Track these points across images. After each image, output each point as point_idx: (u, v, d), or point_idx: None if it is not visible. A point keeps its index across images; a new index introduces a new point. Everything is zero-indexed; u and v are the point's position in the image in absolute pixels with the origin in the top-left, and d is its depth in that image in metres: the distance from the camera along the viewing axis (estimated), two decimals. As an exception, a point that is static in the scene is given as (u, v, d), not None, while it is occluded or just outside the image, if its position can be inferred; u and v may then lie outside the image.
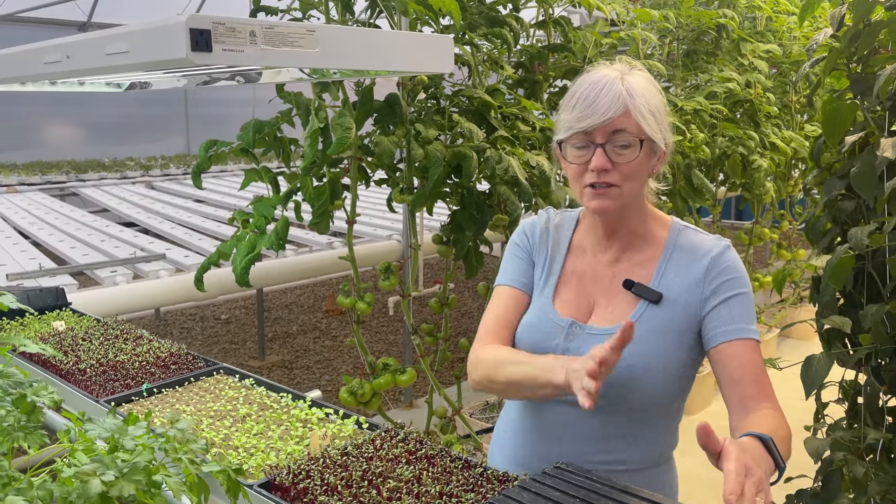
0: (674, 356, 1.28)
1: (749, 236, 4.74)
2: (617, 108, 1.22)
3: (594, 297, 1.36)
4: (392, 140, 2.17)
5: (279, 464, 1.25)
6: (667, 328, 1.28)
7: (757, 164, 3.78)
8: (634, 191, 1.29)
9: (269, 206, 2.20)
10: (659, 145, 1.28)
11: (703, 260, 1.30)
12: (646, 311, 1.30)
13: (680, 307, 1.29)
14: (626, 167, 1.25)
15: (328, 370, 5.16)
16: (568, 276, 1.40)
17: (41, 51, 1.31)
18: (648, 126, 1.24)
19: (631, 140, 1.24)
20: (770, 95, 3.99)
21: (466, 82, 2.64)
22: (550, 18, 2.80)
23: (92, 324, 2.14)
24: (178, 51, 0.99)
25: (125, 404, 1.59)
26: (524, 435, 1.42)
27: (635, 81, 1.26)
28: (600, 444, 1.32)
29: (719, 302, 1.28)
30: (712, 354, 1.28)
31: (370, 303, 2.41)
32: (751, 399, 1.23)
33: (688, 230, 1.37)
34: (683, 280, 1.30)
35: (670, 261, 1.33)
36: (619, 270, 1.36)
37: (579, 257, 1.41)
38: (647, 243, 1.36)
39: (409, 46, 1.26)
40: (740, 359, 1.25)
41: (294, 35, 1.09)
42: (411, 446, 1.27)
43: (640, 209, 1.36)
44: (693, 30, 3.62)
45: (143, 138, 10.76)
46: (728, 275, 1.29)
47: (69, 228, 4.33)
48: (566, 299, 1.38)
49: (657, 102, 1.27)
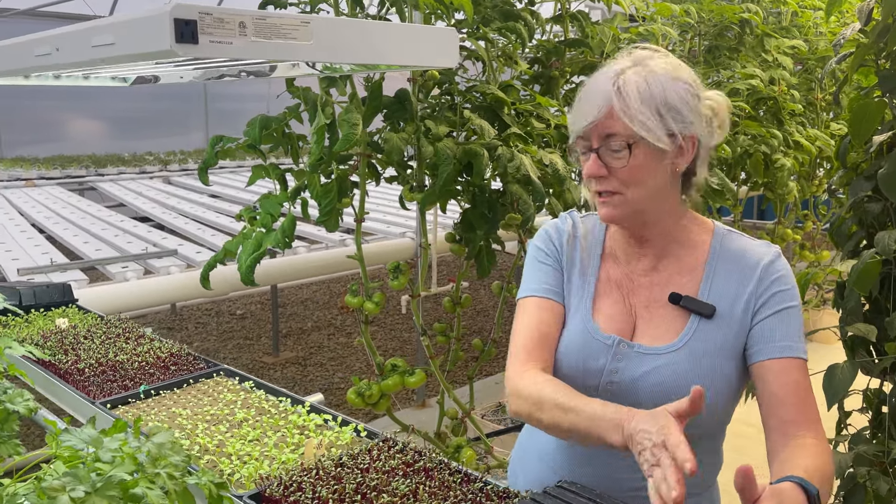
0: (732, 374, 1.18)
1: (771, 237, 4.63)
2: (599, 110, 1.12)
3: (635, 310, 1.24)
4: (401, 137, 2.11)
5: (271, 474, 1.20)
6: (722, 346, 1.18)
7: (780, 163, 3.68)
8: (642, 196, 1.16)
9: (275, 204, 2.15)
10: (662, 142, 1.13)
11: (755, 269, 1.19)
12: (698, 328, 1.18)
13: (734, 322, 1.18)
14: (622, 172, 1.14)
15: (342, 367, 5.13)
16: (604, 286, 1.27)
17: (32, 43, 1.27)
18: (640, 125, 1.11)
19: (620, 143, 1.13)
20: (795, 93, 3.87)
21: (480, 78, 2.58)
22: (567, 13, 2.73)
23: (96, 321, 2.11)
24: (161, 42, 0.94)
25: (121, 406, 1.55)
26: (554, 459, 1.31)
27: (634, 76, 1.14)
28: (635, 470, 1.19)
29: (769, 315, 1.17)
30: (755, 370, 1.17)
31: (379, 303, 2.36)
32: (792, 424, 1.12)
33: (732, 234, 1.25)
34: (734, 291, 1.19)
35: (717, 269, 1.21)
36: (657, 279, 1.24)
37: (613, 265, 1.28)
38: (686, 249, 1.24)
39: (411, 39, 1.20)
40: (785, 378, 1.14)
41: (287, 26, 1.03)
42: (409, 457, 1.22)
43: (670, 212, 1.21)
44: (715, 25, 3.52)
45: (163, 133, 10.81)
46: (780, 286, 1.18)
47: (84, 223, 4.33)
48: (607, 313, 1.25)
49: (666, 93, 1.13)
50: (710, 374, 1.17)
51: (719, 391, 1.17)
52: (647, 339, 1.21)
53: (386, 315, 6.25)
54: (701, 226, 1.26)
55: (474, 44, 2.33)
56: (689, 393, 1.10)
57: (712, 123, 1.19)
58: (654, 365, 1.18)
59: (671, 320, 1.20)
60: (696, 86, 1.18)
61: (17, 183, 6.29)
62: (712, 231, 1.25)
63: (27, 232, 4.06)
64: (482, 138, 2.21)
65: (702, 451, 1.21)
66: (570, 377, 1.23)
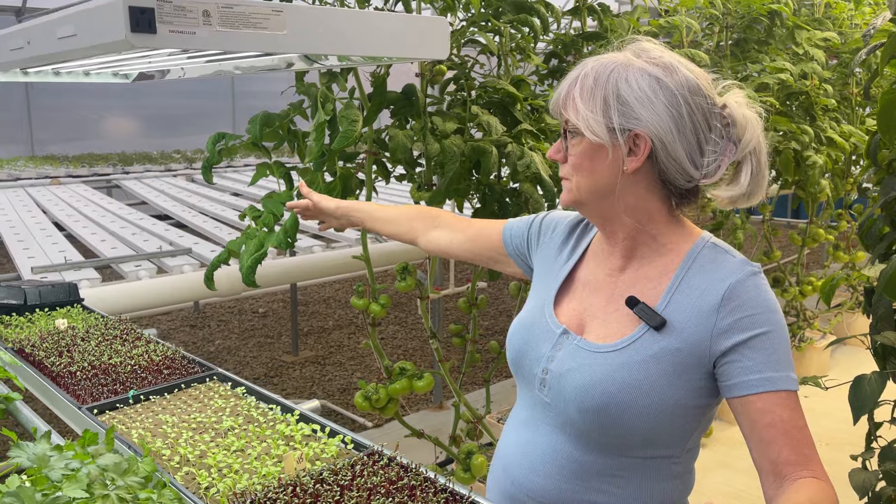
0: (668, 394, 1.08)
1: (803, 236, 4.47)
2: (560, 94, 1.14)
3: (592, 308, 1.20)
4: (407, 134, 2.04)
5: (248, 489, 1.14)
6: (665, 361, 1.08)
7: (812, 161, 3.53)
8: (586, 186, 1.14)
9: (278, 203, 2.10)
10: (597, 135, 1.08)
11: (721, 285, 1.08)
12: (644, 336, 1.11)
13: (686, 339, 1.08)
14: (571, 159, 1.15)
15: (360, 367, 5.09)
16: (571, 282, 1.26)
17: (6, 38, 1.22)
18: (578, 114, 1.10)
19: (571, 129, 1.14)
20: (828, 87, 3.72)
21: (493, 72, 2.50)
22: (584, 5, 2.63)
23: (97, 322, 2.08)
24: (116, 32, 0.87)
25: (108, 412, 1.51)
26: (506, 462, 1.26)
27: (603, 67, 1.10)
28: (582, 482, 1.15)
29: (739, 342, 1.05)
30: (735, 406, 1.07)
31: (386, 305, 2.29)
32: (786, 465, 1.02)
33: (715, 248, 1.15)
34: (694, 306, 1.09)
35: (684, 280, 1.12)
36: (622, 281, 1.18)
37: (589, 263, 1.26)
38: (658, 254, 1.16)
39: (396, 29, 1.13)
40: (772, 416, 1.02)
41: (257, 15, 0.97)
42: (394, 473, 1.15)
43: (634, 213, 1.15)
44: (743, 16, 3.39)
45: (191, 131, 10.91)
46: (749, 309, 1.06)
47: (104, 221, 4.33)
48: (568, 306, 1.24)
49: (617, 85, 1.08)
50: (640, 386, 1.08)
51: (648, 407, 1.08)
52: (592, 336, 1.17)
53: (407, 314, 6.19)
54: (685, 234, 1.18)
55: (485, 38, 2.24)
56: (613, 402, 1.08)
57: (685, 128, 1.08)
58: (585, 362, 1.13)
59: (622, 324, 1.14)
60: (688, 87, 1.08)
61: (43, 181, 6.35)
62: (694, 240, 1.17)
63: (47, 230, 4.08)
64: (491, 135, 2.13)
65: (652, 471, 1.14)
66: (515, 356, 1.26)
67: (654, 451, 1.13)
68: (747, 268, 1.11)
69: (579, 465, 1.15)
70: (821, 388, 1.74)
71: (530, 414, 1.23)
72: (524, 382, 1.25)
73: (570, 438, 1.15)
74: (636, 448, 1.13)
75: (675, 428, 1.11)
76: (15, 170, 7.50)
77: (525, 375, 1.23)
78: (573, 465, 1.15)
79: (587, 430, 1.13)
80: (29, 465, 0.82)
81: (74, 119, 10.37)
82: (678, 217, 1.19)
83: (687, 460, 1.18)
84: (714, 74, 1.19)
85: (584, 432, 1.14)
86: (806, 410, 1.07)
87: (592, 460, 1.14)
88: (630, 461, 1.14)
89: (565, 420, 1.16)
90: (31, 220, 4.42)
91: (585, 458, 1.15)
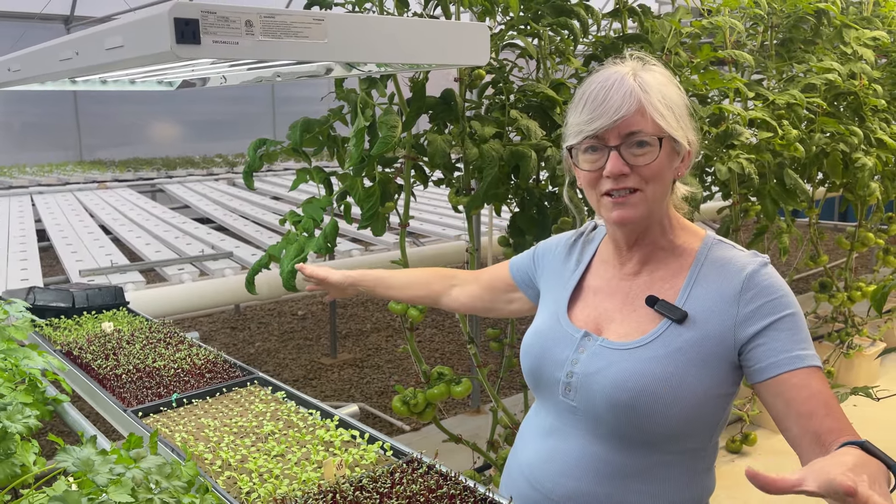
0: (697, 384, 1.11)
1: (851, 241, 4.34)
2: (630, 106, 1.10)
3: (609, 311, 1.22)
4: (445, 139, 2.04)
5: (288, 494, 1.15)
6: (690, 352, 1.12)
7: (861, 163, 3.43)
8: (659, 194, 1.15)
9: (318, 208, 2.11)
10: (682, 144, 1.15)
11: (737, 277, 1.13)
12: (667, 331, 1.14)
13: (709, 330, 1.12)
14: (645, 169, 1.12)
15: (398, 370, 5.10)
16: (581, 291, 1.29)
17: (56, 48, 1.25)
18: (667, 122, 1.11)
19: (648, 139, 1.11)
20: (877, 87, 3.61)
21: (532, 76, 2.48)
22: (625, 7, 2.60)
23: (141, 325, 2.12)
24: (162, 44, 0.89)
25: (152, 415, 1.53)
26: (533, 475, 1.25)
27: (649, 77, 1.13)
28: (616, 482, 1.16)
29: (764, 326, 1.10)
30: (769, 387, 1.10)
31: (423, 310, 2.29)
32: (829, 433, 1.05)
33: (722, 244, 1.21)
34: (713, 297, 1.14)
35: (699, 276, 1.17)
36: (638, 284, 1.22)
37: (598, 270, 1.29)
38: (673, 255, 1.21)
39: (436, 37, 1.13)
40: (809, 390, 1.07)
41: (298, 25, 0.97)
42: (433, 482, 1.14)
43: (666, 217, 1.21)
44: (788, 16, 3.31)
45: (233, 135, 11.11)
46: (768, 295, 1.11)
47: (148, 225, 4.43)
48: (579, 313, 1.26)
49: (676, 99, 1.15)
50: (670, 378, 1.10)
51: (679, 398, 1.10)
52: (613, 335, 1.19)
53: (444, 318, 6.19)
54: (691, 234, 1.23)
55: (524, 41, 2.23)
56: (644, 396, 1.10)
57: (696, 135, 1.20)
58: (612, 360, 1.15)
59: (642, 322, 1.17)
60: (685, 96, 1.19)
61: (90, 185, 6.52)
62: (702, 239, 1.22)
63: (94, 233, 4.18)
64: (530, 139, 2.11)
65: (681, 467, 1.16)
66: (533, 365, 1.26)
67: (684, 444, 1.16)
68: (758, 258, 1.16)
69: (612, 466, 1.16)
70: (872, 398, 1.69)
71: (555, 421, 1.23)
72: (545, 390, 1.26)
73: (601, 440, 1.16)
74: (667, 442, 1.14)
75: (704, 419, 1.14)
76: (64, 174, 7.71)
77: (546, 383, 1.24)
78: (606, 466, 1.16)
79: (618, 429, 1.14)
80: (74, 469, 0.83)
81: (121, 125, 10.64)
82: (681, 218, 1.25)
83: (711, 455, 1.22)
84: (759, 75, 1.21)
85: (614, 431, 1.15)
86: (855, 420, 1.09)
87: (624, 460, 1.15)
88: (661, 458, 1.15)
89: (595, 421, 1.16)
90: (79, 223, 4.53)
91: (617, 459, 1.16)
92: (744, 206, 3.19)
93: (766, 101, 2.95)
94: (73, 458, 0.85)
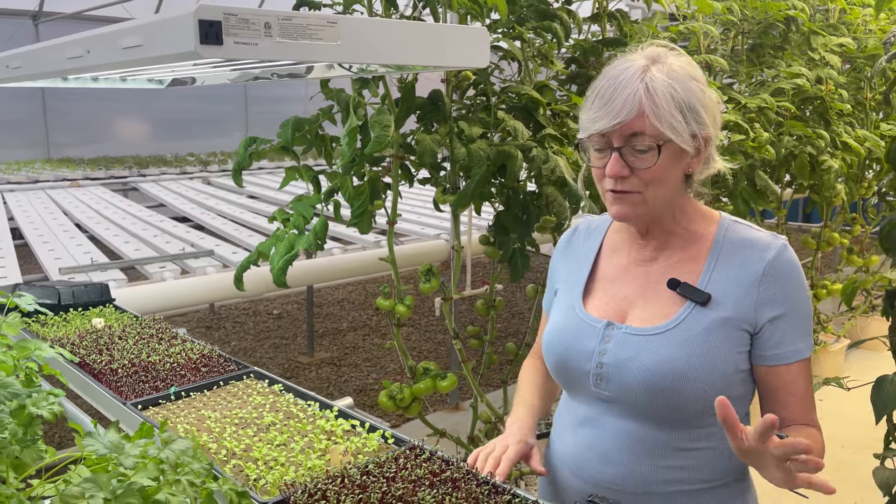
0: (729, 360, 1.17)
1: (817, 240, 4.49)
2: (630, 110, 1.11)
3: (629, 298, 1.25)
4: (434, 139, 2.09)
5: (297, 480, 1.19)
6: (717, 332, 1.17)
7: (827, 165, 3.56)
8: (660, 195, 1.18)
9: (307, 206, 2.15)
10: (687, 144, 1.14)
11: (760, 260, 1.18)
12: (692, 313, 1.18)
13: (733, 308, 1.17)
14: (645, 173, 1.15)
15: (376, 369, 5.13)
16: (594, 282, 1.31)
17: (64, 46, 1.27)
18: (669, 127, 1.11)
19: (649, 144, 1.12)
20: (843, 92, 3.74)
21: (515, 78, 2.54)
22: (605, 12, 2.67)
23: (131, 321, 2.13)
24: (186, 44, 0.93)
25: (152, 408, 1.56)
26: (574, 464, 1.30)
27: (660, 74, 1.12)
28: (656, 460, 1.20)
29: (778, 315, 1.17)
30: (762, 371, 1.19)
31: (410, 306, 2.34)
32: (792, 422, 1.19)
33: (738, 224, 1.25)
34: (735, 279, 1.18)
35: (720, 259, 1.21)
36: (655, 269, 1.25)
37: (610, 258, 1.32)
38: (689, 240, 1.24)
39: (442, 40, 1.18)
40: (793, 387, 1.17)
41: (314, 27, 1.02)
42: (436, 466, 1.19)
43: (680, 208, 1.24)
44: (759, 22, 3.42)
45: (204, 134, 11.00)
46: (788, 281, 1.17)
47: (125, 223, 4.40)
48: (599, 302, 1.28)
49: (688, 95, 1.13)
50: (704, 357, 1.15)
51: (713, 375, 1.16)
52: (637, 321, 1.22)
53: (420, 317, 6.24)
54: (706, 218, 1.26)
55: (509, 44, 2.29)
56: (680, 378, 1.15)
57: (717, 120, 1.21)
58: (643, 346, 1.18)
59: (665, 305, 1.20)
60: (705, 84, 1.19)
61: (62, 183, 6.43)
62: (718, 222, 1.25)
63: (70, 231, 4.14)
64: (516, 139, 2.17)
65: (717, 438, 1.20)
66: (558, 362, 1.28)
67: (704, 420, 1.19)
68: (779, 241, 1.20)
69: (651, 444, 1.20)
70: (843, 388, 1.78)
71: (588, 411, 1.27)
72: (574, 383, 1.28)
73: (638, 421, 1.20)
74: (702, 417, 1.18)
75: (737, 393, 1.19)
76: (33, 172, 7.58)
77: (574, 376, 1.26)
78: (645, 446, 1.20)
79: (654, 411, 1.18)
80: (105, 452, 0.86)
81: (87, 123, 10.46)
82: (696, 204, 1.27)
83: None
84: (730, 79, 1.26)
85: (651, 413, 1.19)
86: (821, 414, 1.20)
87: (664, 437, 1.20)
88: (699, 432, 1.20)
89: (631, 408, 1.20)
90: (54, 221, 4.48)
91: (657, 436, 1.20)
92: (716, 206, 3.29)
93: (738, 105, 3.05)
94: (102, 442, 0.88)
